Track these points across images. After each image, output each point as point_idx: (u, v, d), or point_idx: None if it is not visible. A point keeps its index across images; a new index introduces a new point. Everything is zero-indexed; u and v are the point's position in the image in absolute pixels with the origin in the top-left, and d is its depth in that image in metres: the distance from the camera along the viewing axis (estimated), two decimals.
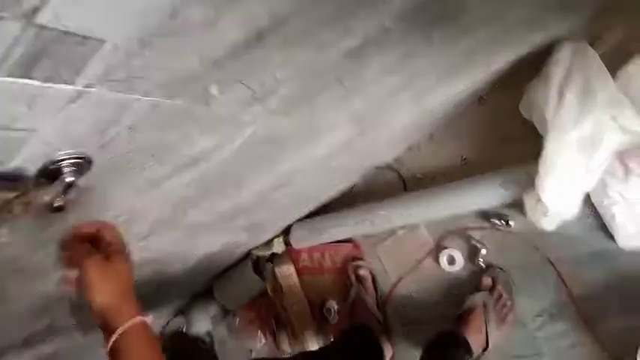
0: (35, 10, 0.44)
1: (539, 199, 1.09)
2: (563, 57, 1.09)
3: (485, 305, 1.29)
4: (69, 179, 0.69)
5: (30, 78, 0.52)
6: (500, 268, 1.35)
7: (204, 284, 1.77)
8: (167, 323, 1.89)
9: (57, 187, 0.69)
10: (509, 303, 1.30)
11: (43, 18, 0.45)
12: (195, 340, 1.80)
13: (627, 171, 1.16)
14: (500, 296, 1.30)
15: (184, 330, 1.83)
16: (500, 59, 1.11)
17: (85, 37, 0.50)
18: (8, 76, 0.50)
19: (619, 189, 1.18)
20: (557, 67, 1.09)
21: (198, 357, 1.79)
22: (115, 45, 0.53)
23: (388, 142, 1.29)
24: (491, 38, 0.97)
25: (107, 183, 0.79)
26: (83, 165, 0.70)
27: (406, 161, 1.45)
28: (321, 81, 0.81)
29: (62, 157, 0.68)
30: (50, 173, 0.69)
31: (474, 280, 1.37)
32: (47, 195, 0.69)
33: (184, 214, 1.06)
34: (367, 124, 1.08)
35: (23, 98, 0.54)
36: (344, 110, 0.96)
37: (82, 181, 0.73)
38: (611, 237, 1.23)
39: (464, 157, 1.35)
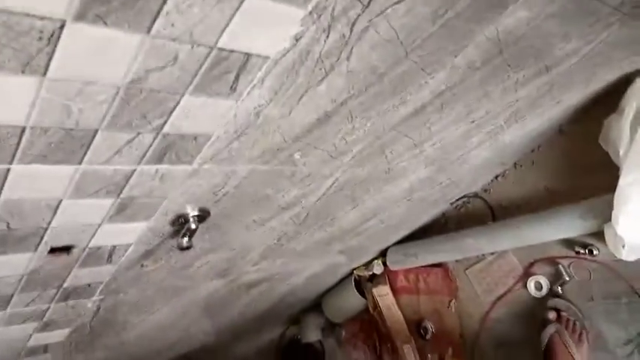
0: (162, 126, 0.65)
1: (616, 232, 1.12)
2: (636, 91, 1.12)
3: (558, 333, 1.34)
4: (193, 226, 0.92)
5: (161, 163, 0.74)
6: (557, 295, 1.40)
7: (315, 299, 1.98)
8: (284, 331, 2.16)
9: (185, 232, 0.92)
10: (578, 323, 1.34)
11: (166, 129, 0.66)
12: (308, 347, 2.02)
13: None
14: (568, 320, 1.35)
15: (299, 337, 2.07)
16: (571, 98, 1.17)
17: (195, 136, 0.71)
18: (146, 164, 0.72)
19: None
20: (631, 101, 1.12)
21: None
22: (218, 137, 0.73)
23: (470, 175, 1.38)
24: (556, 82, 1.04)
25: (223, 226, 1.01)
26: (203, 215, 0.93)
27: (493, 190, 1.53)
28: (388, 138, 0.96)
29: (187, 211, 0.90)
30: (179, 222, 0.92)
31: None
32: (179, 239, 0.92)
33: (287, 243, 1.26)
34: (443, 164, 1.20)
35: (157, 177, 0.76)
36: (416, 157, 1.09)
37: (203, 227, 0.95)
38: None
39: (547, 186, 1.40)
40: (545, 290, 1.42)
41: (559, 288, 1.39)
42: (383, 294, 1.66)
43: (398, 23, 0.66)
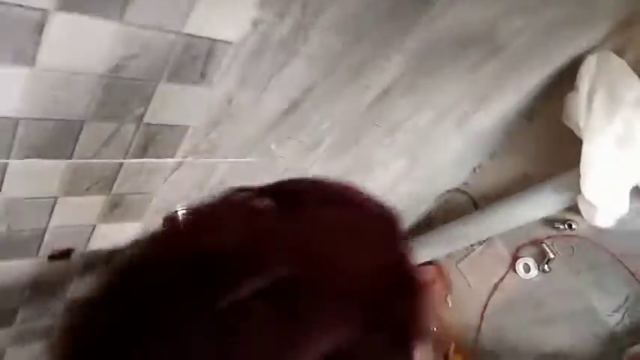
0: (142, 115, 0.72)
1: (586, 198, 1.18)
2: (589, 67, 1.20)
3: None
4: None
5: (145, 156, 0.80)
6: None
7: None
8: None
9: None
10: None
11: (147, 118, 0.73)
12: None
13: None
14: None
15: None
16: (529, 80, 1.25)
17: (175, 126, 0.78)
18: (132, 157, 0.79)
19: None
20: (585, 77, 1.20)
21: None
22: (195, 128, 0.80)
23: (449, 166, 1.45)
24: (508, 67, 1.12)
25: None
26: None
27: (473, 182, 1.60)
28: (358, 126, 1.03)
29: (177, 210, 0.96)
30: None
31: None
32: None
33: None
34: (417, 154, 1.27)
35: (143, 171, 0.83)
36: (389, 146, 1.16)
37: None
38: None
39: (525, 172, 1.47)
40: (533, 271, 1.46)
41: (546, 266, 1.43)
42: None
43: (347, 9, 0.75)
